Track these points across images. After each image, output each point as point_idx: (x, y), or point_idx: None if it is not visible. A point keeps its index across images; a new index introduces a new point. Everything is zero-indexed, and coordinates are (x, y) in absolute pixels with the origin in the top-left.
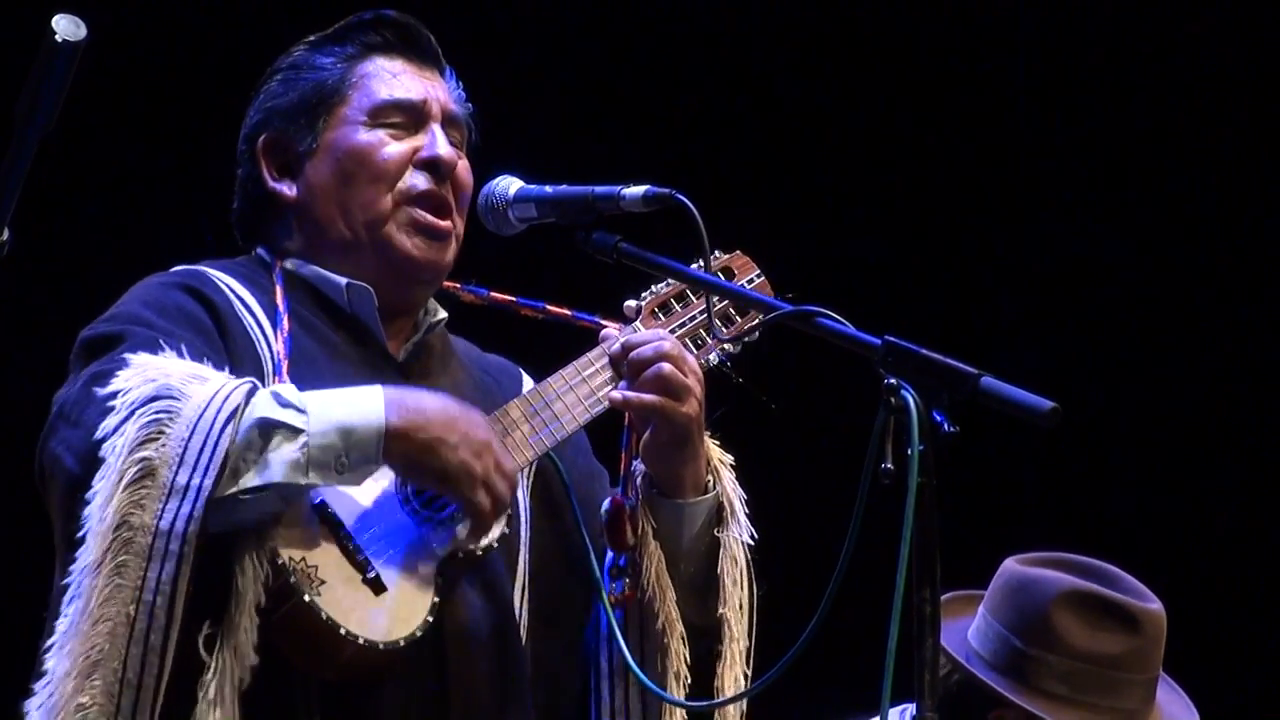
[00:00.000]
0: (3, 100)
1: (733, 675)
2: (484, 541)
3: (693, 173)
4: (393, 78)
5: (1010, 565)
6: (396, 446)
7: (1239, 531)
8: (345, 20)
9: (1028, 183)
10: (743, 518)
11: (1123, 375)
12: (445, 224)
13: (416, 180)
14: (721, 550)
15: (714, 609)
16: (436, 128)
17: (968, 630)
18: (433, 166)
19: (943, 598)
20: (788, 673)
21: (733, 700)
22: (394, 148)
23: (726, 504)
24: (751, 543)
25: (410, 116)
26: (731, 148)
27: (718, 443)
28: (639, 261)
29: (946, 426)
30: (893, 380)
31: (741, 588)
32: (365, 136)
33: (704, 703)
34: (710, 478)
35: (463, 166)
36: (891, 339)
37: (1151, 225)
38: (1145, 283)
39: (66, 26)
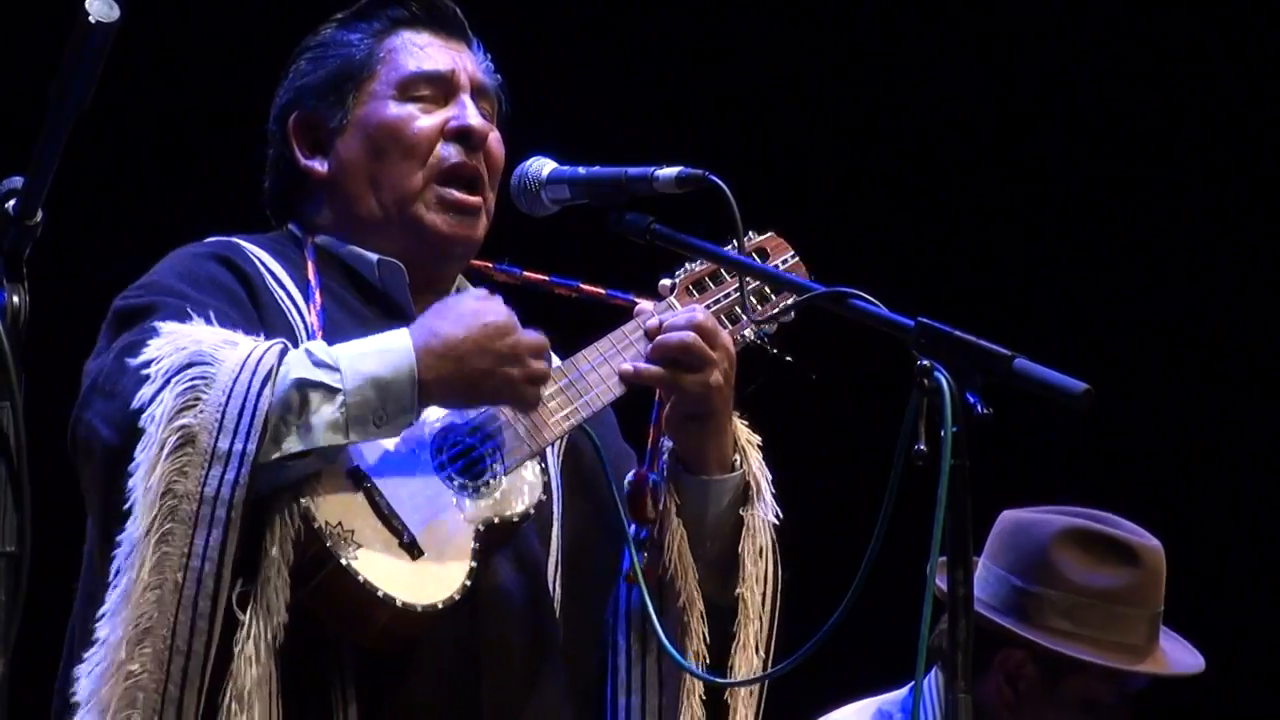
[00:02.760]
0: (37, 82)
1: (745, 658)
2: (520, 507)
3: (726, 154)
4: (420, 50)
5: (1008, 514)
6: (433, 390)
7: (1272, 510)
8: None
9: (1060, 165)
10: (769, 497)
11: (1154, 356)
12: (475, 199)
13: (449, 152)
14: (744, 528)
15: (734, 588)
16: (466, 98)
17: None
18: (464, 137)
19: (939, 560)
20: (815, 653)
21: (762, 679)
22: (425, 121)
23: (753, 483)
24: (776, 523)
25: (439, 88)
26: (766, 129)
27: (746, 423)
28: (672, 243)
29: (980, 408)
30: (926, 362)
31: (762, 568)
32: (395, 110)
33: (732, 680)
34: (737, 457)
35: (494, 138)
36: (925, 320)
37: (1184, 209)
38: (1180, 264)
39: (100, 7)
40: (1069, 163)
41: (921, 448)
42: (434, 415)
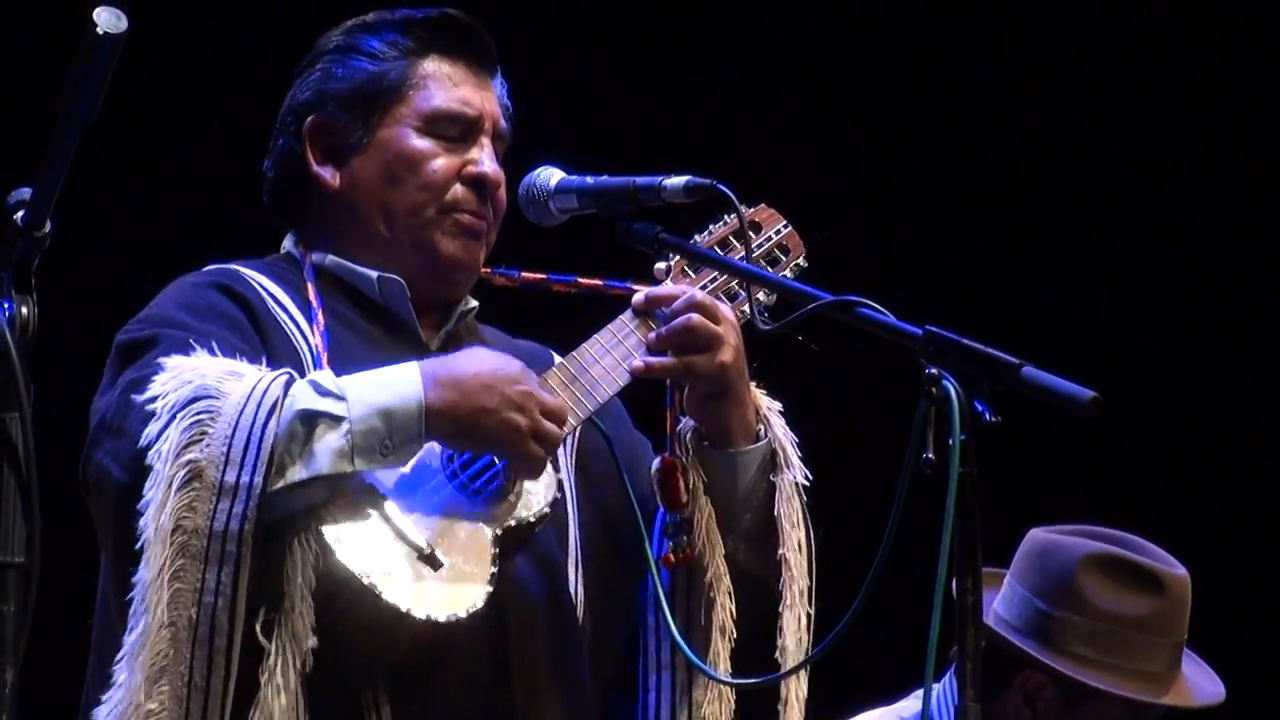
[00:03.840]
0: (45, 93)
1: (794, 616)
2: (536, 508)
3: (734, 162)
4: (453, 86)
5: (1036, 533)
6: (439, 423)
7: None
8: (407, 10)
9: (1069, 171)
10: (796, 460)
11: (1162, 364)
12: (481, 222)
13: (459, 194)
14: (777, 493)
15: (774, 554)
16: (486, 142)
17: (994, 600)
18: (479, 184)
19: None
20: (822, 663)
21: (764, 682)
22: (444, 160)
23: (779, 449)
24: (806, 484)
25: (464, 128)
26: (772, 138)
27: (764, 391)
28: (681, 251)
29: (988, 416)
30: (934, 370)
31: (799, 528)
32: (418, 143)
33: (737, 680)
34: (760, 426)
35: (501, 185)
36: (933, 328)
37: (1201, 215)
38: (1185, 270)
39: (108, 19)
40: (1078, 169)
41: (930, 456)
42: None
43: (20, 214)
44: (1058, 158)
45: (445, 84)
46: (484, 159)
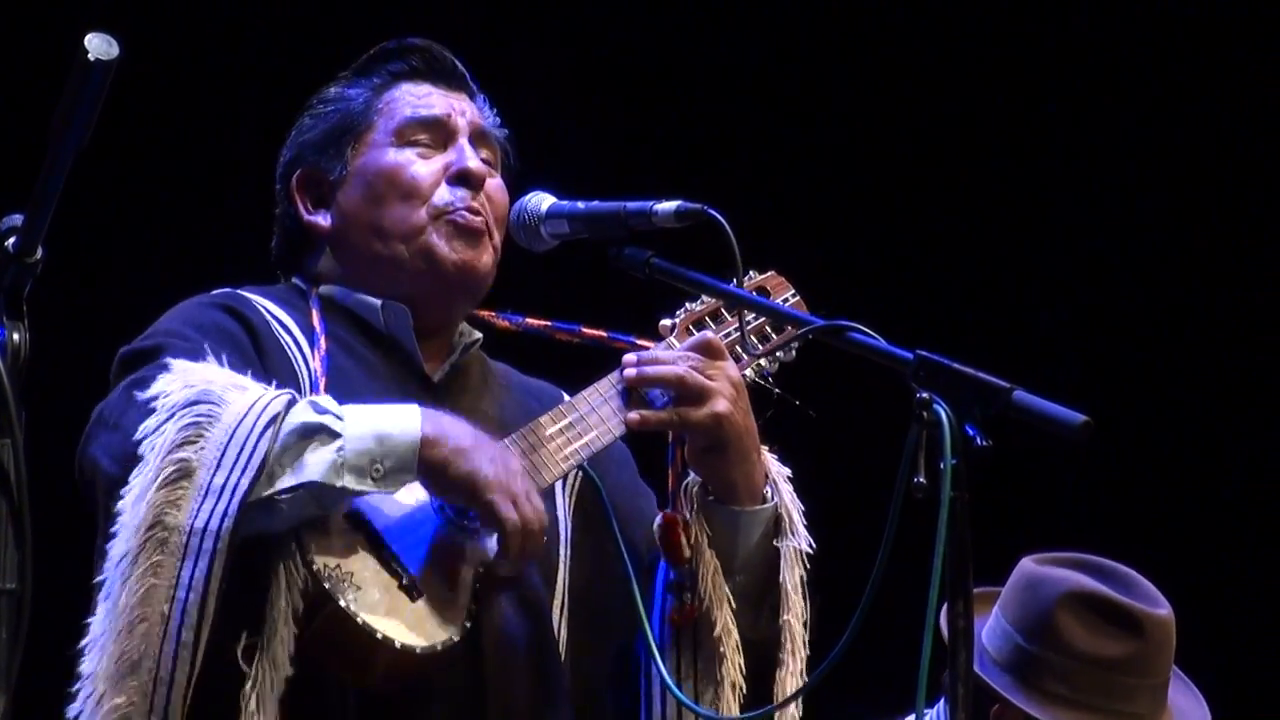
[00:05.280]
0: (37, 119)
1: (795, 683)
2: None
3: (725, 187)
4: (418, 99)
5: (1025, 564)
6: (431, 456)
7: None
8: (371, 51)
9: (1062, 194)
10: (802, 529)
11: (1154, 386)
12: (478, 220)
13: (450, 194)
14: (783, 560)
15: (766, 621)
16: (464, 142)
17: (982, 629)
18: (464, 179)
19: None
20: (817, 689)
21: (753, 717)
22: (423, 165)
23: (785, 515)
24: (810, 552)
25: (438, 134)
26: (763, 163)
27: (776, 456)
28: (671, 277)
29: (979, 440)
30: (925, 394)
31: (803, 597)
32: (394, 156)
33: (729, 717)
34: (768, 489)
35: (496, 184)
36: (924, 353)
37: (1180, 240)
38: (1178, 294)
39: (99, 45)
40: (1067, 195)
41: (921, 480)
42: None
43: (11, 240)
44: (1047, 182)
45: (410, 99)
46: (463, 156)
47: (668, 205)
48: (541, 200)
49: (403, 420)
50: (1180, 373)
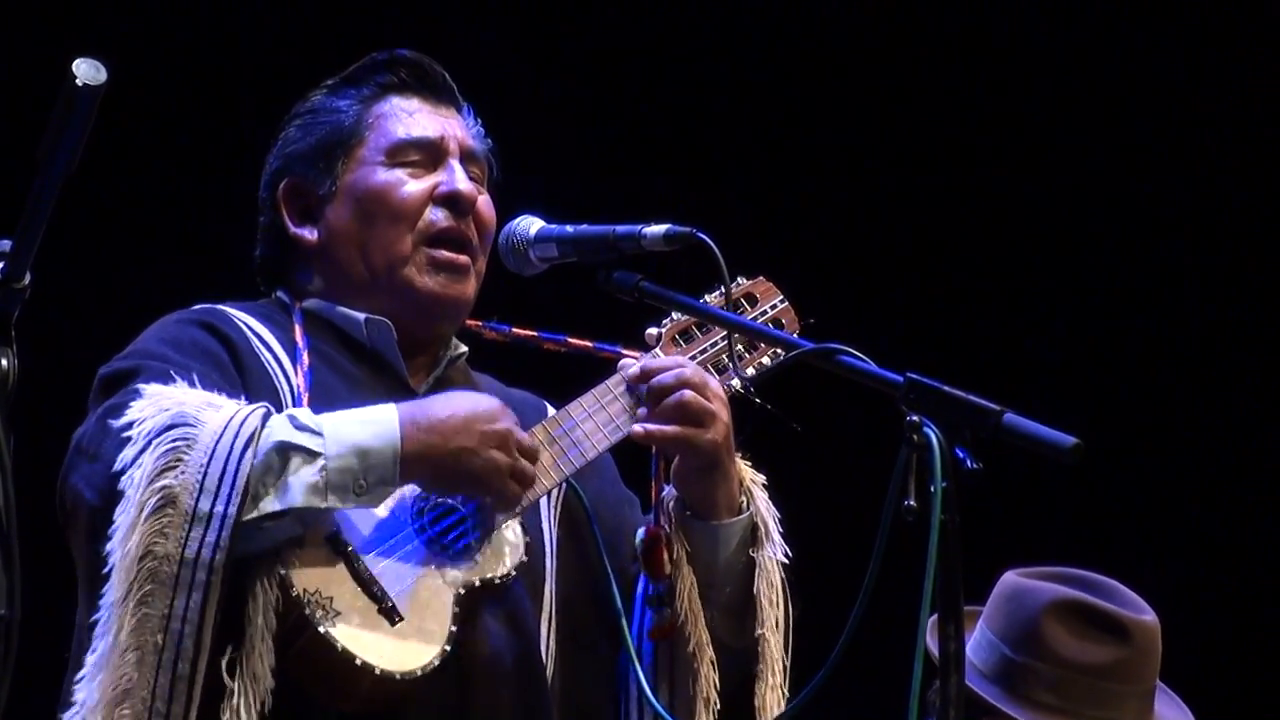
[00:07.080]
0: (24, 144)
1: (775, 696)
2: (501, 570)
3: (716, 208)
4: (409, 116)
5: (1008, 577)
6: (415, 466)
7: (1267, 561)
8: (360, 61)
9: (1052, 216)
10: (777, 537)
11: (1145, 407)
12: (463, 259)
13: (436, 217)
14: (757, 570)
15: (751, 630)
16: (455, 163)
17: (967, 644)
18: (452, 202)
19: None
20: (803, 711)
21: None
22: (413, 186)
23: (761, 524)
24: (786, 561)
25: (428, 154)
26: (753, 185)
27: (749, 463)
28: (661, 300)
29: (969, 463)
30: (915, 417)
31: (778, 607)
32: (384, 176)
33: None
34: (744, 498)
35: (483, 202)
36: (914, 376)
37: (1168, 261)
38: (1162, 315)
39: (87, 70)
40: (1057, 218)
41: (911, 503)
42: None
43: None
44: (1037, 204)
45: (401, 116)
46: (454, 178)
47: (656, 229)
48: (530, 224)
49: (381, 430)
50: (1166, 393)
